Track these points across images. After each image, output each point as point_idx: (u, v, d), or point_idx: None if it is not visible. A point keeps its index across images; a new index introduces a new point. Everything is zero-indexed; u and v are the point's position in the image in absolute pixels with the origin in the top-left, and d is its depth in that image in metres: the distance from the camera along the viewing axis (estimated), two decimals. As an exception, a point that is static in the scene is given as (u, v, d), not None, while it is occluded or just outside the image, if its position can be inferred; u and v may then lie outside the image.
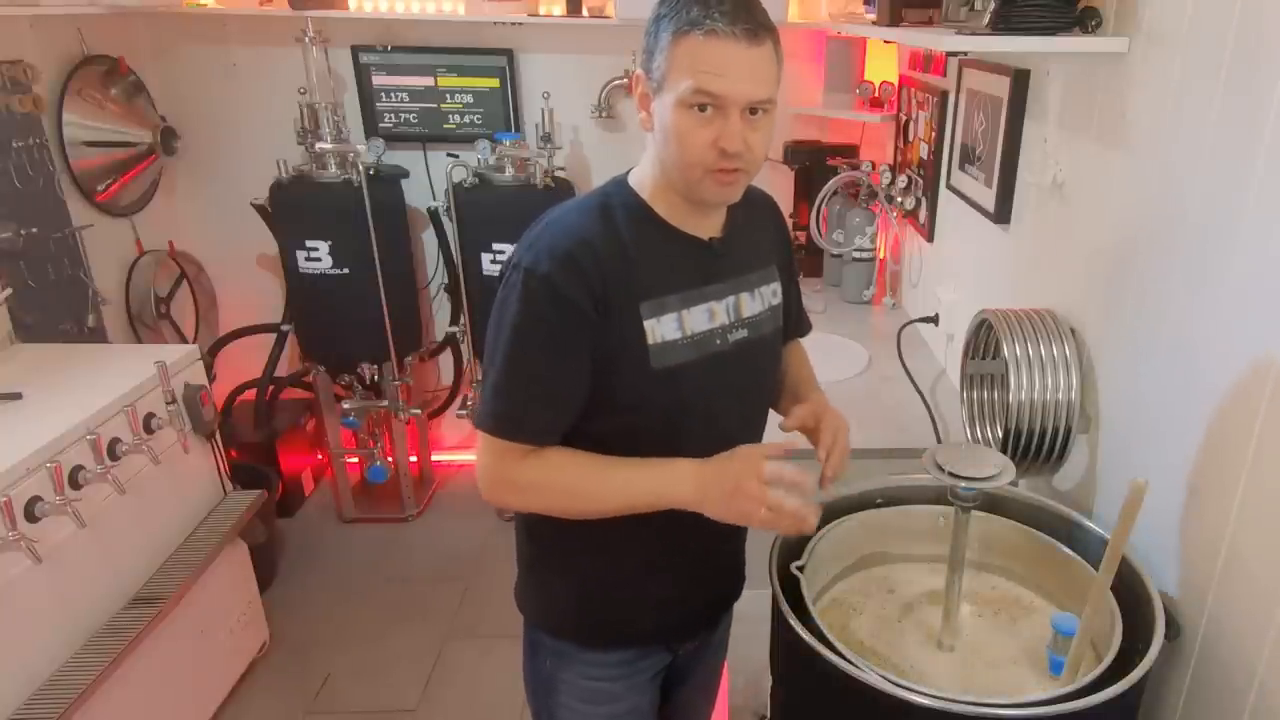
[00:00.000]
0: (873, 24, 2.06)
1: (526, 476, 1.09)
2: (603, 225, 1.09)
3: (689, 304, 1.11)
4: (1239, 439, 0.98)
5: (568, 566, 1.26)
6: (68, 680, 1.77)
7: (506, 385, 1.08)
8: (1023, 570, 1.25)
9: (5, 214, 2.40)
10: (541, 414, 1.08)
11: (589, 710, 1.31)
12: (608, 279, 1.05)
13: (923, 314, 2.33)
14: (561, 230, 1.08)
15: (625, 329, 1.07)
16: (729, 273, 1.16)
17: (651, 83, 1.05)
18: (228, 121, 3.17)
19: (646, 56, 1.05)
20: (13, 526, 1.67)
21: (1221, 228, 1.03)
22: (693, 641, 1.38)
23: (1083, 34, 1.31)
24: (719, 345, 1.14)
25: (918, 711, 0.88)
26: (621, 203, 1.12)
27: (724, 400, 1.17)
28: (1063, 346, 1.36)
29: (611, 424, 1.11)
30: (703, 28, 0.98)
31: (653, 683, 1.35)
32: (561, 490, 1.11)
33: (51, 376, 2.11)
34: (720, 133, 1.01)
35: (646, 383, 1.09)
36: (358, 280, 2.88)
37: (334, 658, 2.63)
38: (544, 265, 1.04)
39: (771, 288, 1.23)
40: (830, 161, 2.89)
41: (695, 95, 0.99)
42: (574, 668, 1.29)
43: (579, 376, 1.07)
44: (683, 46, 0.99)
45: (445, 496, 3.51)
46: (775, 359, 1.29)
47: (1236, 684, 0.99)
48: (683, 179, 1.06)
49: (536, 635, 1.31)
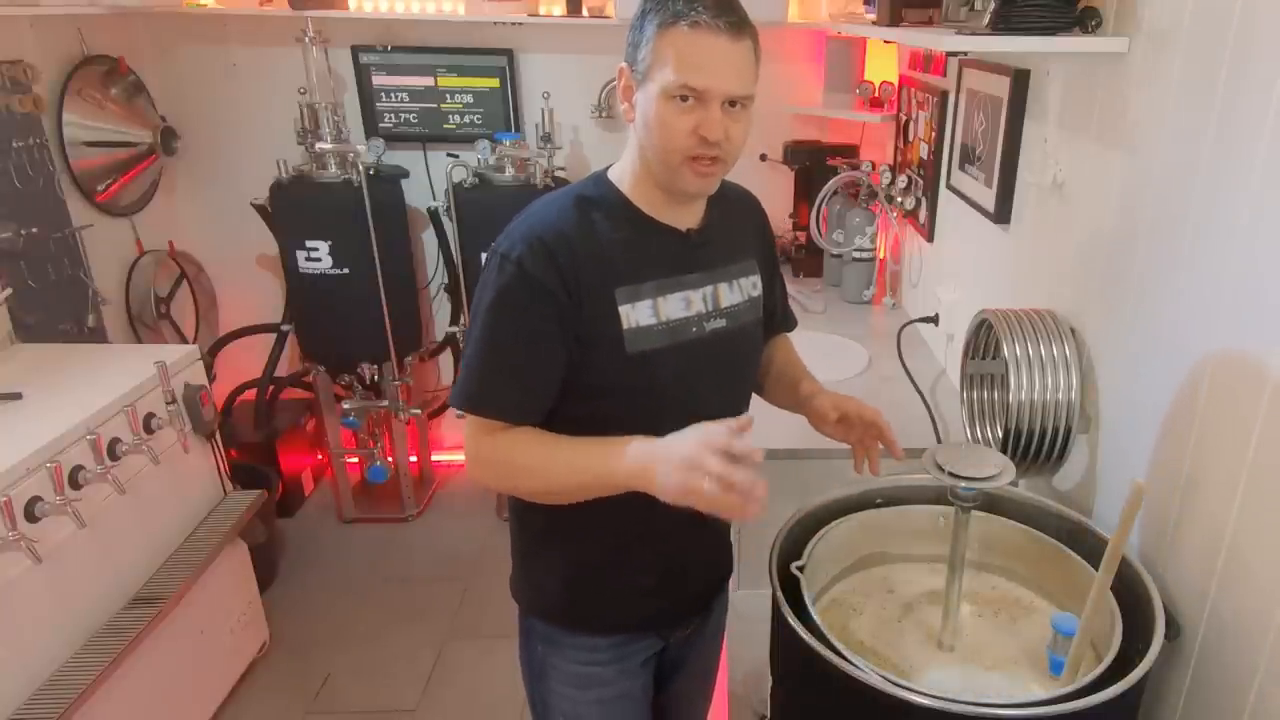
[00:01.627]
0: (873, 24, 2.06)
1: (495, 453, 1.13)
2: (578, 216, 1.14)
3: (664, 291, 1.15)
4: (1239, 439, 0.98)
5: (554, 553, 1.29)
6: (68, 680, 1.77)
7: (477, 363, 1.12)
8: (1023, 570, 1.25)
9: (5, 214, 2.40)
10: (508, 392, 1.12)
11: (579, 695, 1.33)
12: (580, 266, 1.10)
13: (923, 314, 2.33)
14: (538, 220, 1.13)
15: (600, 314, 1.11)
16: (706, 263, 1.20)
17: (636, 75, 1.09)
18: (228, 121, 3.17)
19: (631, 50, 1.09)
20: (13, 526, 1.67)
21: (1221, 227, 1.03)
22: (683, 629, 1.39)
23: (1083, 34, 1.31)
24: (695, 333, 1.18)
25: (918, 711, 0.88)
26: (599, 195, 1.17)
27: (701, 387, 1.20)
28: (1063, 346, 1.36)
29: (589, 408, 1.15)
30: (687, 19, 1.02)
31: (644, 668, 1.37)
32: (522, 468, 1.13)
33: (51, 376, 2.11)
34: (701, 121, 1.05)
35: (621, 367, 1.13)
36: (358, 280, 2.88)
37: (334, 658, 2.63)
38: (518, 250, 1.09)
39: (751, 280, 1.27)
40: (830, 161, 2.89)
41: (680, 87, 1.03)
42: (564, 653, 1.32)
43: (550, 358, 1.11)
44: (667, 38, 1.04)
45: (445, 496, 3.51)
46: (755, 349, 1.32)
47: (1236, 684, 0.99)
48: (662, 168, 1.10)
49: (529, 621, 1.35)
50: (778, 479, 1.73)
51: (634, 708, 1.38)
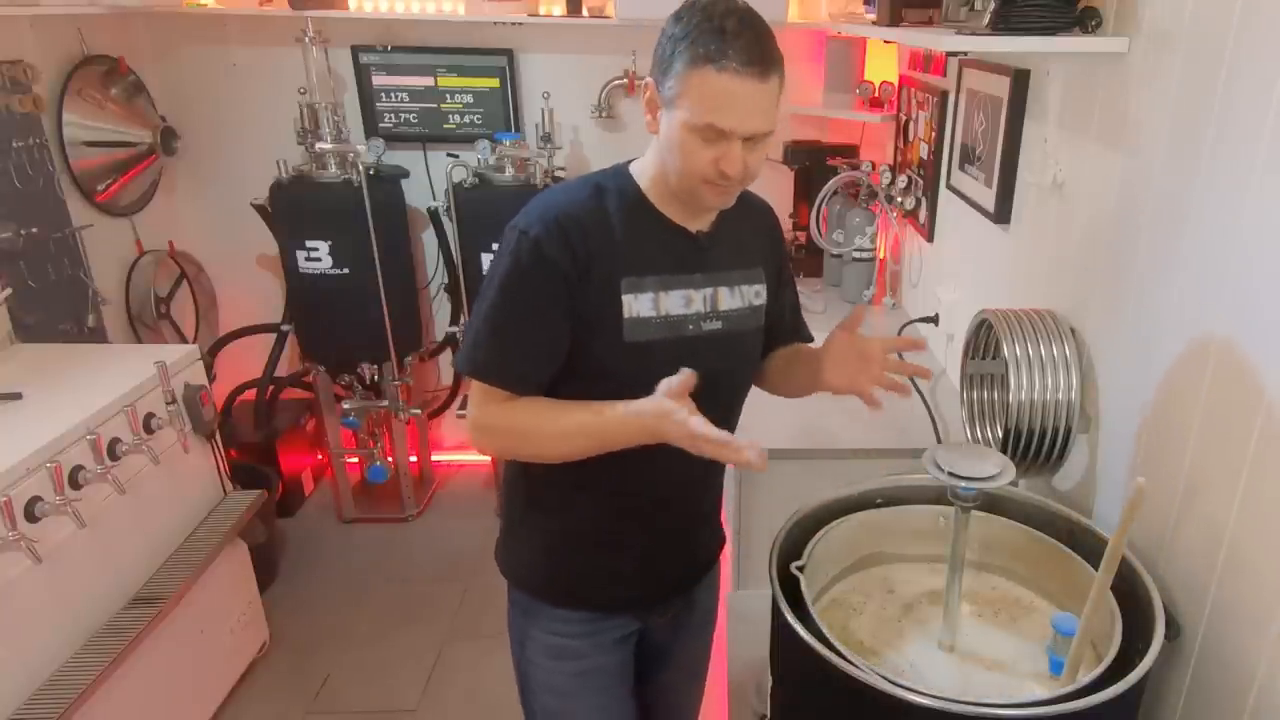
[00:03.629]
0: (873, 24, 2.06)
1: (502, 420, 1.17)
2: (594, 202, 1.17)
3: (666, 287, 1.19)
4: (1239, 439, 0.98)
5: (535, 526, 1.34)
6: (68, 680, 1.77)
7: (487, 332, 1.16)
8: (1023, 570, 1.25)
9: (5, 214, 2.40)
10: (516, 362, 1.16)
11: (554, 666, 1.37)
12: (591, 249, 1.14)
13: (923, 314, 2.33)
14: (555, 201, 1.17)
15: (603, 299, 1.15)
16: (710, 265, 1.23)
17: (662, 97, 1.11)
18: (228, 121, 3.17)
19: (660, 71, 1.10)
20: (13, 526, 1.67)
21: (1221, 228, 1.03)
22: (661, 615, 1.42)
23: (1083, 34, 1.31)
24: (691, 331, 1.21)
25: (918, 711, 0.88)
26: (616, 186, 1.20)
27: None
28: (1063, 346, 1.36)
29: (584, 391, 1.17)
30: (718, 65, 1.03)
31: (619, 645, 1.39)
32: (531, 429, 1.17)
33: (51, 376, 2.11)
34: (722, 155, 1.08)
35: (618, 353, 1.17)
36: (358, 280, 2.88)
37: (334, 658, 2.63)
38: (535, 229, 1.13)
39: (755, 289, 1.29)
40: (830, 161, 2.89)
41: (704, 127, 1.06)
42: (541, 623, 1.35)
43: (555, 332, 1.15)
44: (697, 77, 1.05)
45: (445, 496, 3.51)
46: (749, 356, 1.34)
47: (1236, 684, 0.99)
48: (682, 186, 1.15)
49: (513, 593, 1.39)
50: (778, 479, 1.74)
51: (609, 681, 1.40)
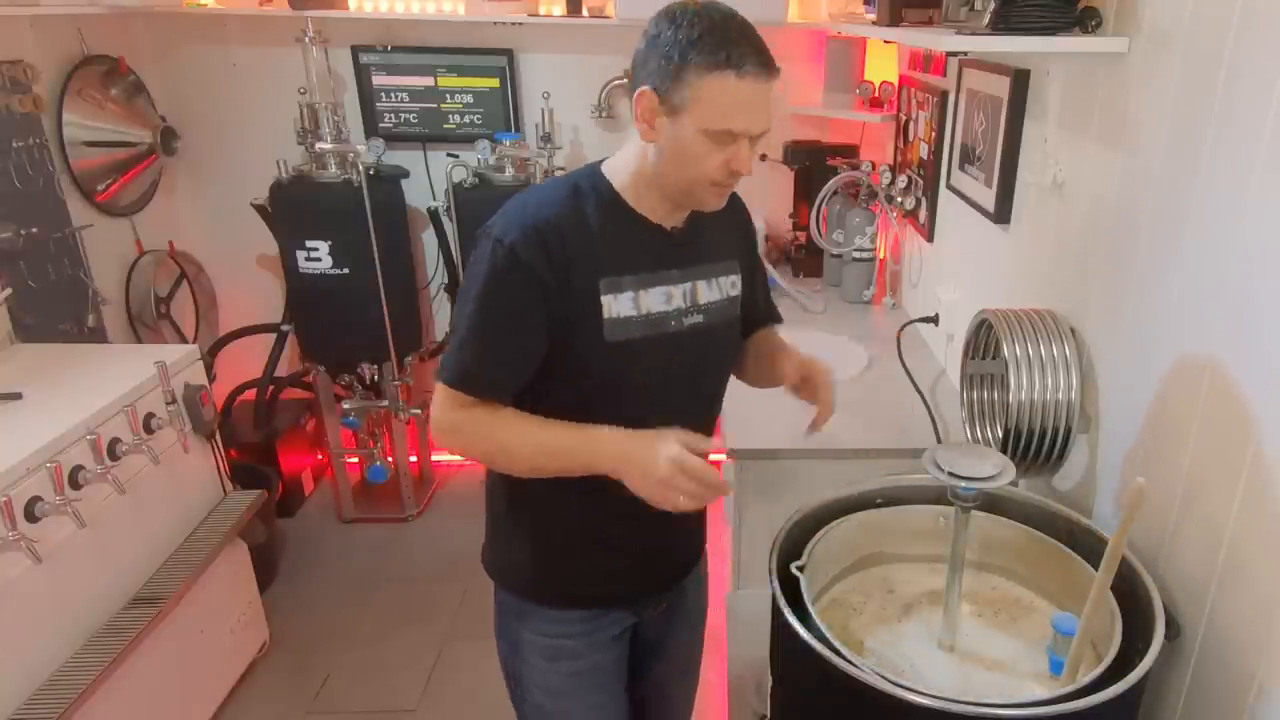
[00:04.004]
0: (873, 24, 2.06)
1: (472, 426, 1.17)
2: (571, 204, 1.18)
3: (646, 285, 1.20)
4: (1239, 439, 0.98)
5: (522, 528, 1.33)
6: (68, 680, 1.77)
7: (470, 342, 1.16)
8: (1023, 570, 1.25)
9: (5, 214, 2.40)
10: (495, 371, 1.17)
11: (550, 667, 1.36)
12: (569, 253, 1.14)
13: (923, 314, 2.33)
14: (532, 205, 1.17)
15: (583, 301, 1.15)
16: (688, 260, 1.24)
17: (663, 105, 1.09)
18: (228, 121, 3.17)
19: (660, 79, 1.08)
20: (13, 526, 1.67)
21: (1221, 227, 1.03)
22: (654, 608, 1.42)
23: (1083, 34, 1.31)
24: (673, 327, 1.22)
25: (918, 711, 0.88)
26: (591, 187, 1.20)
27: (675, 379, 1.25)
28: (1063, 346, 1.36)
29: (566, 393, 1.18)
30: (739, 71, 1.05)
31: (615, 642, 1.39)
32: (500, 444, 1.18)
33: (51, 376, 2.11)
34: (734, 156, 1.11)
35: (600, 354, 1.17)
36: (358, 280, 2.87)
37: (334, 658, 2.63)
38: (511, 236, 1.13)
39: (730, 279, 1.31)
40: (830, 161, 2.89)
41: (724, 132, 1.08)
42: (534, 625, 1.35)
43: (534, 338, 1.16)
44: (717, 84, 1.06)
45: (445, 496, 3.51)
46: (730, 346, 1.36)
47: (1236, 684, 0.99)
48: (683, 190, 1.16)
49: (502, 595, 1.38)
50: (777, 479, 1.74)
51: (606, 679, 1.39)
